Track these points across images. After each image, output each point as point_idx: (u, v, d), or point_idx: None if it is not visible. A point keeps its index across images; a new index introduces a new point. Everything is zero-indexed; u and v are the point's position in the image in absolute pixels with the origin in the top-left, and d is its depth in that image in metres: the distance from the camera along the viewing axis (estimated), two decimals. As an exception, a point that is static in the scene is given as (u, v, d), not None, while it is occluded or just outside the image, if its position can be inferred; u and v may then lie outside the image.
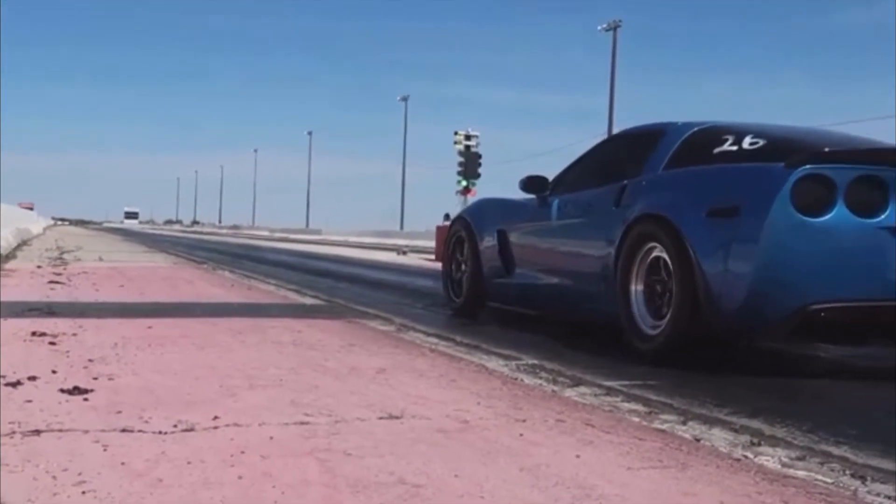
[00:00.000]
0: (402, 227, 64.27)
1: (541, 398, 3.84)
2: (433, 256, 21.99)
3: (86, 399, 3.40)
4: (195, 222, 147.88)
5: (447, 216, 23.15)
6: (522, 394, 3.92)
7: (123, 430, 2.93)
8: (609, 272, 4.22)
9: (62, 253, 16.60)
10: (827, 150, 3.25)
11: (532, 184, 5.38)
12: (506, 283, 5.63)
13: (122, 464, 2.55)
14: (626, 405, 3.76)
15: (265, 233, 74.11)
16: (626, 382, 4.37)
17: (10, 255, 14.26)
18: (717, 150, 3.96)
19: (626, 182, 4.42)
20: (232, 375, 4.01)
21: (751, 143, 3.96)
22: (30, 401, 3.34)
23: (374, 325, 6.39)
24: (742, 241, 3.34)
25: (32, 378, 3.75)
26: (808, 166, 3.26)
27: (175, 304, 7.47)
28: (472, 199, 25.59)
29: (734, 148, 3.91)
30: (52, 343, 4.80)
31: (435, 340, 5.61)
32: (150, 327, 5.63)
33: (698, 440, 3.15)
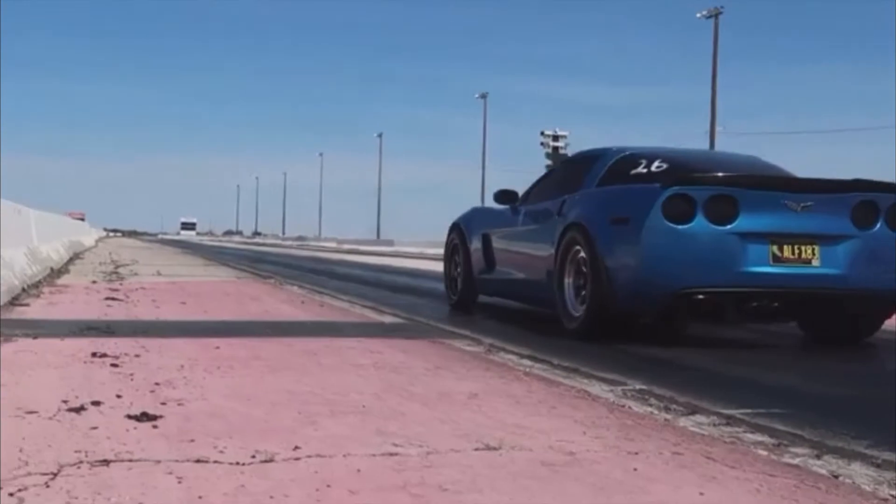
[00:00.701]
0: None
1: (653, 428, 3.78)
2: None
3: (155, 426, 3.46)
4: (257, 233, 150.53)
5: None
6: (632, 423, 3.86)
7: (198, 461, 2.96)
8: (552, 268, 5.78)
9: (117, 267, 17.02)
10: (692, 174, 4.69)
11: (504, 196, 7.25)
12: (489, 279, 7.56)
13: (200, 497, 2.58)
14: (751, 436, 3.68)
15: (332, 244, 74.95)
16: (748, 410, 4.28)
17: (63, 270, 14.67)
18: (632, 172, 5.53)
19: (566, 197, 5.94)
20: (310, 401, 4.04)
21: (657, 167, 5.50)
22: (95, 427, 3.41)
23: (461, 345, 6.39)
24: (629, 243, 4.77)
25: (96, 403, 3.83)
26: (675, 187, 4.73)
27: (243, 322, 7.58)
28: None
29: (645, 171, 5.46)
30: (114, 365, 4.90)
31: (529, 363, 5.58)
32: (217, 348, 5.71)
33: (836, 476, 3.06)
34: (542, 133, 26.94)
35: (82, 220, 58.78)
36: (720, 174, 5.34)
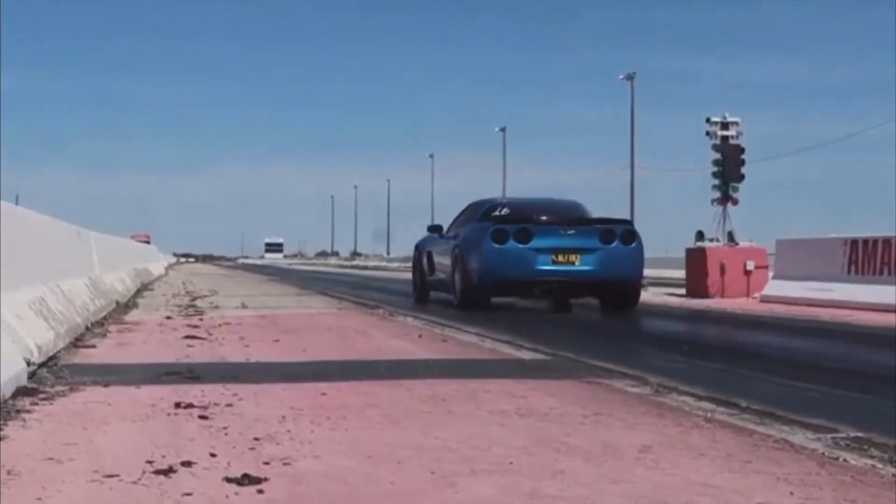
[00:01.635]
0: (633, 251, 64.01)
1: (879, 486, 3.68)
2: (683, 290, 21.72)
3: (260, 491, 3.51)
4: (356, 254, 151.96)
5: (700, 235, 22.73)
6: (850, 480, 3.77)
7: (315, 533, 2.99)
8: (451, 271, 11.76)
9: (194, 299, 17.44)
10: (507, 218, 12.44)
11: (433, 228, 14.87)
12: (430, 280, 13.95)
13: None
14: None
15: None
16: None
17: (130, 304, 15.10)
18: (493, 214, 12.80)
19: (461, 229, 12.62)
20: (444, 457, 4.05)
21: (504, 212, 13.19)
22: (189, 493, 3.48)
23: (622, 385, 6.36)
24: (476, 255, 11.18)
25: (187, 463, 3.91)
26: (497, 225, 11.92)
27: (350, 362, 7.67)
28: (732, 209, 25.05)
29: (499, 214, 12.69)
30: (203, 417, 5.00)
31: (710, 406, 5.50)
32: (323, 394, 5.78)
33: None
34: (708, 121, 26.51)
35: (147, 243, 60.47)
36: (515, 213, 13.10)
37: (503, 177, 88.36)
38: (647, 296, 21.33)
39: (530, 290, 14.23)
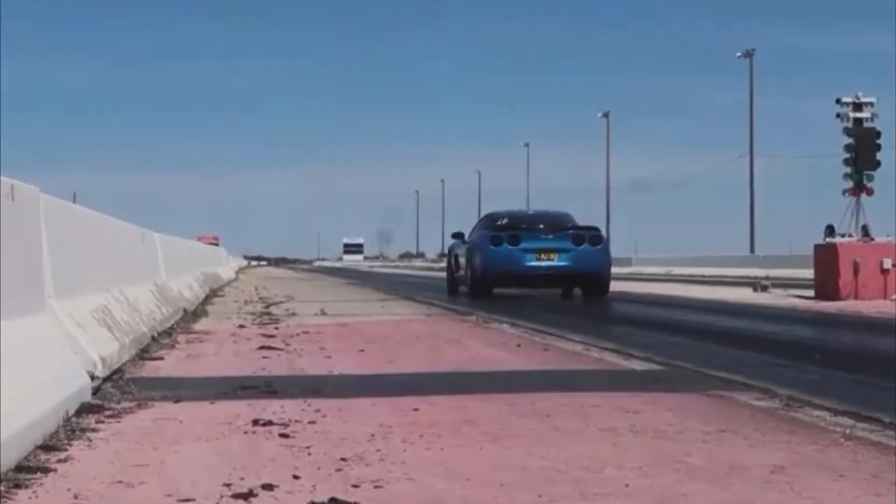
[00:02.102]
0: (752, 250, 63.18)
1: None
2: (812, 293, 21.45)
3: (349, 516, 3.52)
4: (441, 255, 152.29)
5: (830, 229, 22.42)
6: None
7: (412, 563, 2.99)
8: (466, 268, 19.84)
9: (268, 306, 17.63)
10: (504, 226, 20.51)
11: (456, 235, 22.84)
12: (456, 276, 21.18)
13: None
14: None
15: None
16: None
17: (199, 311, 15.30)
18: (496, 224, 20.44)
19: (474, 235, 20.72)
20: (552, 479, 4.03)
21: (503, 221, 21.05)
22: (271, 519, 3.50)
23: (747, 398, 6.30)
24: (480, 255, 18.71)
25: (268, 487, 3.94)
26: (494, 232, 19.68)
27: (443, 374, 7.69)
28: (866, 200, 24.65)
29: (500, 223, 20.25)
30: (283, 435, 5.04)
31: (849, 421, 5.42)
32: (415, 409, 5.80)
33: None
34: (839, 101, 26.14)
35: (216, 245, 61.12)
36: (512, 223, 21.04)
37: (607, 166, 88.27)
38: (771, 298, 21.13)
39: (522, 281, 21.20)
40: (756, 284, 26.04)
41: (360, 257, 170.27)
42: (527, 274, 20.51)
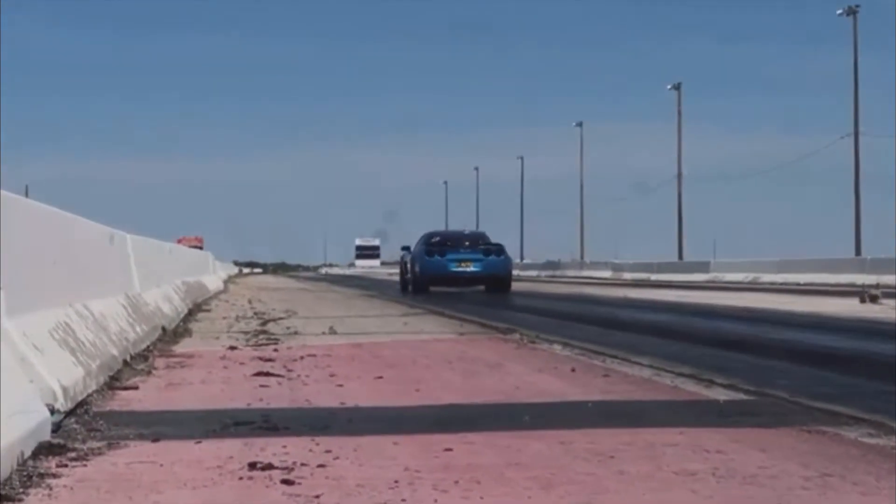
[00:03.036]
0: (858, 252, 62.90)
1: None
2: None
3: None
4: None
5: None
6: None
7: None
8: (410, 272, 36.52)
9: (265, 322, 17.64)
10: (436, 241, 38.06)
11: (405, 248, 40.17)
12: (406, 277, 37.79)
13: None
14: None
15: (606, 273, 75.05)
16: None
17: (181, 330, 15.30)
18: (431, 241, 37.11)
19: (415, 248, 38.04)
20: (619, 536, 4.01)
21: (436, 239, 38.10)
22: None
23: (856, 435, 6.26)
24: (419, 263, 35.01)
25: (269, 545, 3.93)
26: (427, 246, 36.52)
27: (481, 406, 7.67)
28: None
29: (433, 240, 37.21)
30: (286, 482, 5.04)
31: (985, 463, 5.38)
32: (448, 449, 5.78)
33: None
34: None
35: (200, 248, 61.20)
36: (441, 240, 38.23)
37: (678, 146, 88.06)
38: (883, 311, 21.02)
39: (448, 282, 35.27)
40: (864, 294, 25.91)
41: (376, 262, 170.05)
42: (451, 276, 35.77)
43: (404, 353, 11.83)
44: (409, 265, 37.98)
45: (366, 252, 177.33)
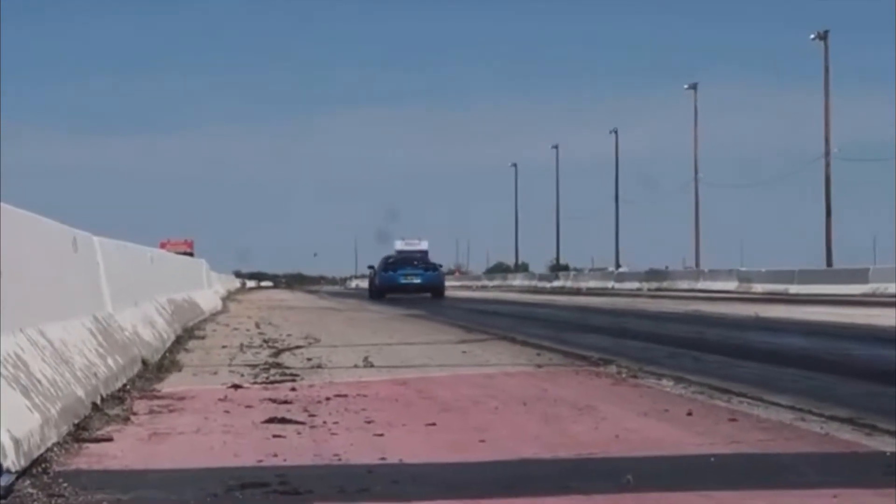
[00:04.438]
0: None
1: None
2: None
3: None
4: (558, 268, 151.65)
5: None
6: None
7: None
8: (372, 283, 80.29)
9: (278, 352, 17.62)
10: (391, 262, 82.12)
11: (370, 266, 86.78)
12: (372, 289, 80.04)
13: None
14: None
15: (730, 284, 74.72)
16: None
17: (168, 363, 15.27)
18: (388, 260, 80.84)
19: (377, 265, 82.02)
20: None
21: (391, 259, 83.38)
22: None
23: None
24: (378, 276, 77.82)
25: None
26: (384, 264, 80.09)
27: (567, 461, 7.67)
28: None
29: (389, 260, 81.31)
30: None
31: None
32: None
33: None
34: None
35: (189, 255, 61.36)
36: (394, 261, 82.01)
37: (825, 115, 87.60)
38: None
39: (399, 290, 70.53)
40: None
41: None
42: (401, 286, 69.19)
43: (464, 392, 11.84)
44: (373, 278, 77.88)
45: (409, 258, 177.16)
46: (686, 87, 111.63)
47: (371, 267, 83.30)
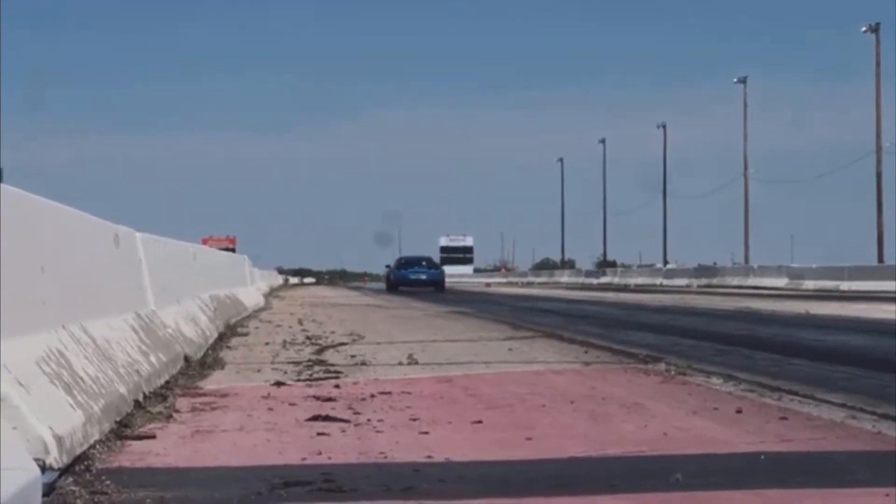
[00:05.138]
0: None
1: None
2: None
3: None
4: (604, 265, 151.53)
5: None
6: None
7: None
8: (388, 277, 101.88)
9: (321, 350, 17.64)
10: (402, 262, 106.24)
11: (387, 266, 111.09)
12: (388, 283, 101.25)
13: None
14: None
15: (780, 281, 74.60)
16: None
17: (211, 360, 15.26)
18: (402, 260, 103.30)
19: (392, 264, 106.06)
20: None
21: (403, 260, 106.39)
22: None
23: None
24: (393, 273, 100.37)
25: None
26: (398, 263, 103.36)
27: (616, 459, 7.69)
28: None
29: (402, 260, 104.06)
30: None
31: None
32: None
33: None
34: None
35: (232, 251, 61.54)
36: (406, 262, 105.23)
37: (876, 107, 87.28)
38: None
39: (409, 284, 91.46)
40: None
41: (468, 269, 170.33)
42: (410, 281, 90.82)
43: (510, 390, 11.84)
44: (388, 275, 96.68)
45: (454, 255, 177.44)
46: (735, 80, 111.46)
47: (388, 266, 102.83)
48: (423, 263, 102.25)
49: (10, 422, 6.32)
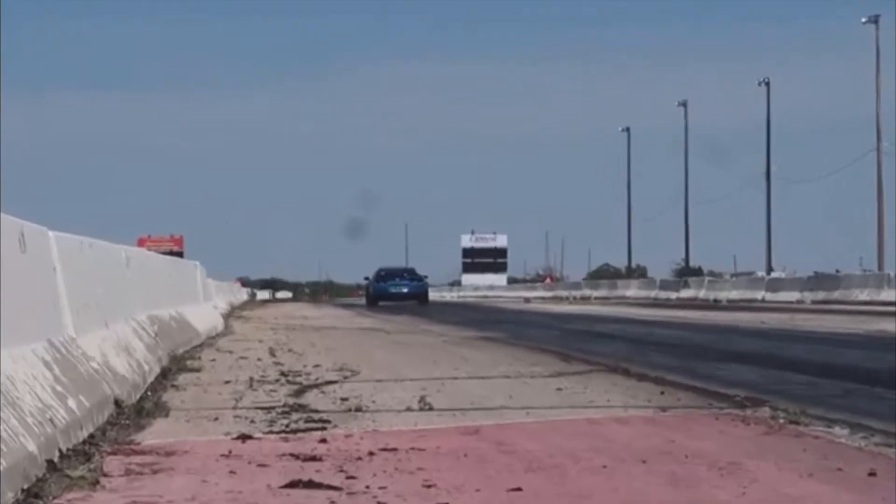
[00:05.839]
0: None
1: None
2: None
3: None
4: (686, 272, 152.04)
5: None
6: None
7: None
8: (367, 291, 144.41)
9: (300, 390, 17.68)
10: (382, 273, 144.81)
11: (366, 278, 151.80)
12: (367, 295, 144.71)
13: None
14: None
15: (862, 295, 74.92)
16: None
17: (150, 406, 15.26)
18: (380, 273, 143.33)
19: (371, 277, 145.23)
20: None
21: (383, 272, 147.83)
22: None
23: None
24: (372, 286, 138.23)
25: None
26: (377, 275, 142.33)
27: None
28: None
29: (381, 273, 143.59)
30: None
31: None
32: None
33: None
34: None
35: (178, 255, 61.80)
36: (385, 274, 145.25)
37: None
38: None
39: (389, 298, 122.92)
40: None
41: (500, 279, 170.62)
42: (390, 294, 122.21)
43: (559, 445, 11.87)
44: (367, 288, 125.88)
45: (480, 259, 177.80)
46: (864, 20, 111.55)
47: (367, 278, 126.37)
48: (405, 275, 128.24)
49: None
